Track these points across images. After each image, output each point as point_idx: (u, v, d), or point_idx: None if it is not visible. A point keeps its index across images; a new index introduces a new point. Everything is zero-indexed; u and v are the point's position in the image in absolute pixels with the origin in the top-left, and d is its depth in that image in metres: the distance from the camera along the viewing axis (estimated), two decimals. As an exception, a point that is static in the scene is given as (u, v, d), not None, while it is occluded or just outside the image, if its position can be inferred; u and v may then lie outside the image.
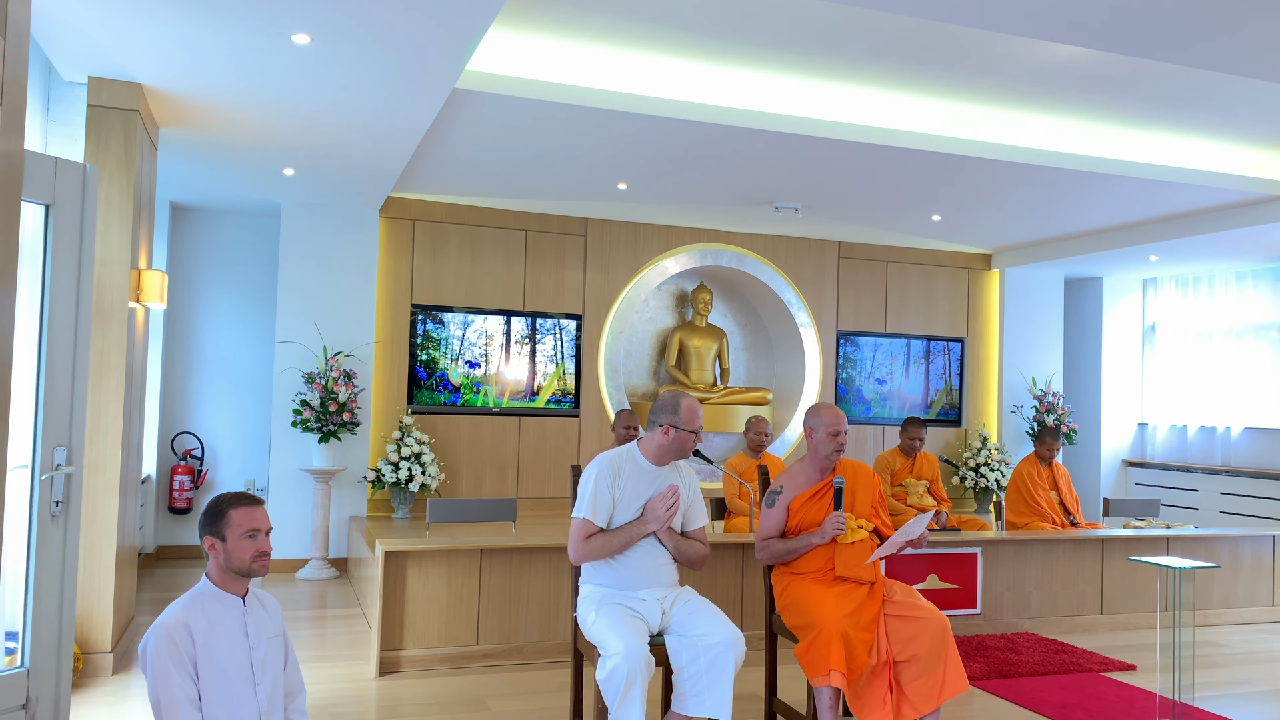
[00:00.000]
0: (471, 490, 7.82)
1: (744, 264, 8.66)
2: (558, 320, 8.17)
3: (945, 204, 7.41)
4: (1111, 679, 4.81)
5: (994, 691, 4.55)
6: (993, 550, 5.71)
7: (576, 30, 4.83)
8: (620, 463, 3.42)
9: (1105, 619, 5.91)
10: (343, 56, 4.31)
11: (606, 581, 3.38)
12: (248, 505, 2.72)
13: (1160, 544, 6.03)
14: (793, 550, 3.69)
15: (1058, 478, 6.69)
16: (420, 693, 4.40)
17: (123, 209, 4.62)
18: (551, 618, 4.96)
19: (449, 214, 7.81)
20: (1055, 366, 9.60)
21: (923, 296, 9.31)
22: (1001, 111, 5.88)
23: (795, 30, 4.75)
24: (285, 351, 7.24)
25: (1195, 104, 5.56)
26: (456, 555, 4.85)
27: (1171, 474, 9.49)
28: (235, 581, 2.72)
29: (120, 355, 4.59)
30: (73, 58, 4.41)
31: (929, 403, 9.33)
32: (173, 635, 2.57)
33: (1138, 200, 7.06)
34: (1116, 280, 9.95)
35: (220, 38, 4.12)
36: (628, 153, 6.14)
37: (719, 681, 3.11)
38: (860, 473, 3.85)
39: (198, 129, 5.47)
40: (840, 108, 5.67)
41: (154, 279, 5.06)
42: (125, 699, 4.21)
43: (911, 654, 3.44)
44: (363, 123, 5.28)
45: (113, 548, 4.57)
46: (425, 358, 7.80)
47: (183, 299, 7.61)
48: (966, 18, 4.00)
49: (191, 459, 7.58)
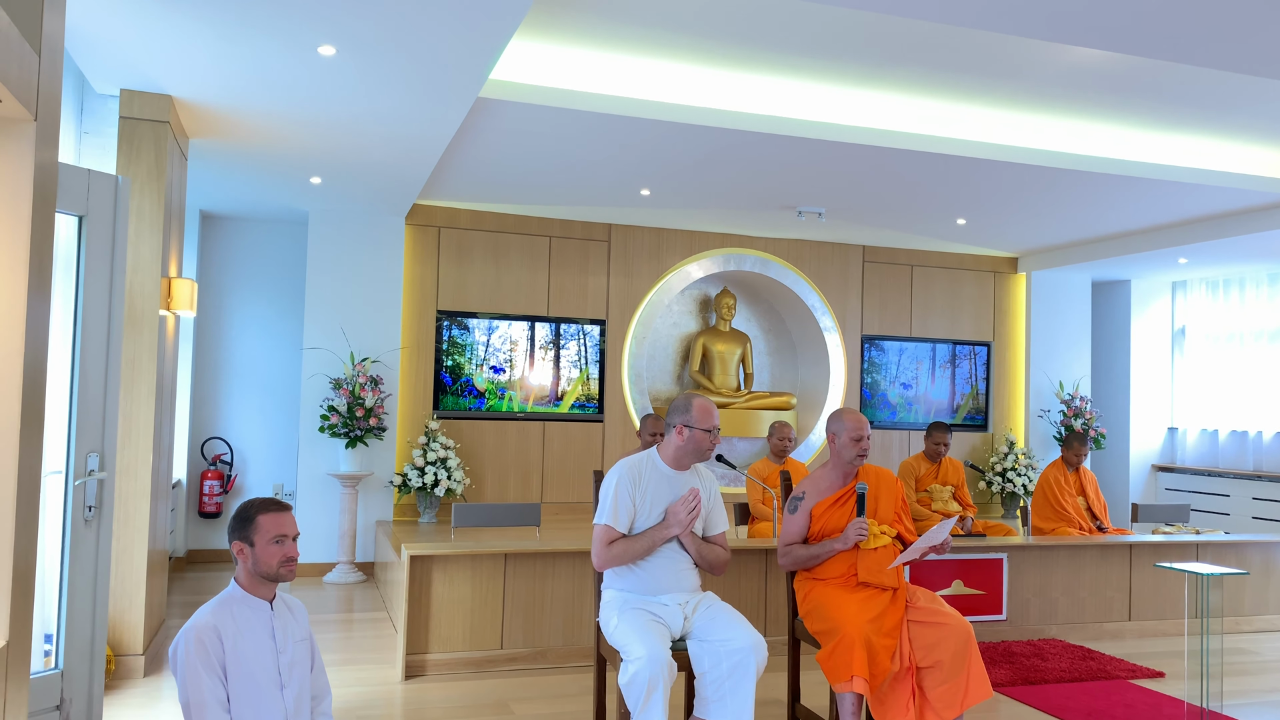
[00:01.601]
0: (496, 495, 7.87)
1: (767, 268, 8.66)
2: (581, 325, 8.21)
3: (970, 207, 7.38)
4: (1139, 686, 4.77)
5: (1020, 698, 4.52)
6: (1019, 556, 5.67)
7: (599, 38, 4.86)
8: (641, 468, 3.44)
9: (1133, 626, 5.85)
10: (368, 67, 4.37)
11: (629, 586, 3.39)
12: (276, 511, 2.76)
13: (1190, 550, 5.97)
14: (815, 556, 3.69)
15: (1085, 483, 6.63)
16: (445, 696, 4.43)
17: (154, 218, 4.70)
18: (575, 622, 4.99)
19: (473, 221, 7.87)
20: (1083, 370, 9.52)
21: (948, 300, 9.26)
22: (1027, 115, 5.86)
23: (818, 36, 4.76)
24: (313, 358, 7.33)
25: (1223, 105, 5.50)
26: (481, 560, 4.88)
27: (1202, 479, 9.37)
28: (263, 586, 2.76)
29: (151, 362, 4.67)
30: (105, 71, 4.49)
31: (955, 407, 9.27)
32: (202, 638, 2.61)
33: (1166, 203, 7.00)
34: (1145, 283, 9.85)
35: (249, 50, 4.19)
36: (651, 159, 6.16)
37: (741, 687, 3.12)
38: (883, 478, 3.85)
39: (226, 139, 5.55)
40: (864, 112, 5.67)
41: (184, 287, 5.14)
42: (156, 700, 4.28)
43: (935, 660, 3.43)
44: (388, 132, 5.34)
45: (144, 551, 4.65)
46: (450, 363, 7.86)
47: (212, 306, 7.72)
48: (991, 23, 3.99)
49: (221, 464, 7.68)
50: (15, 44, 2.12)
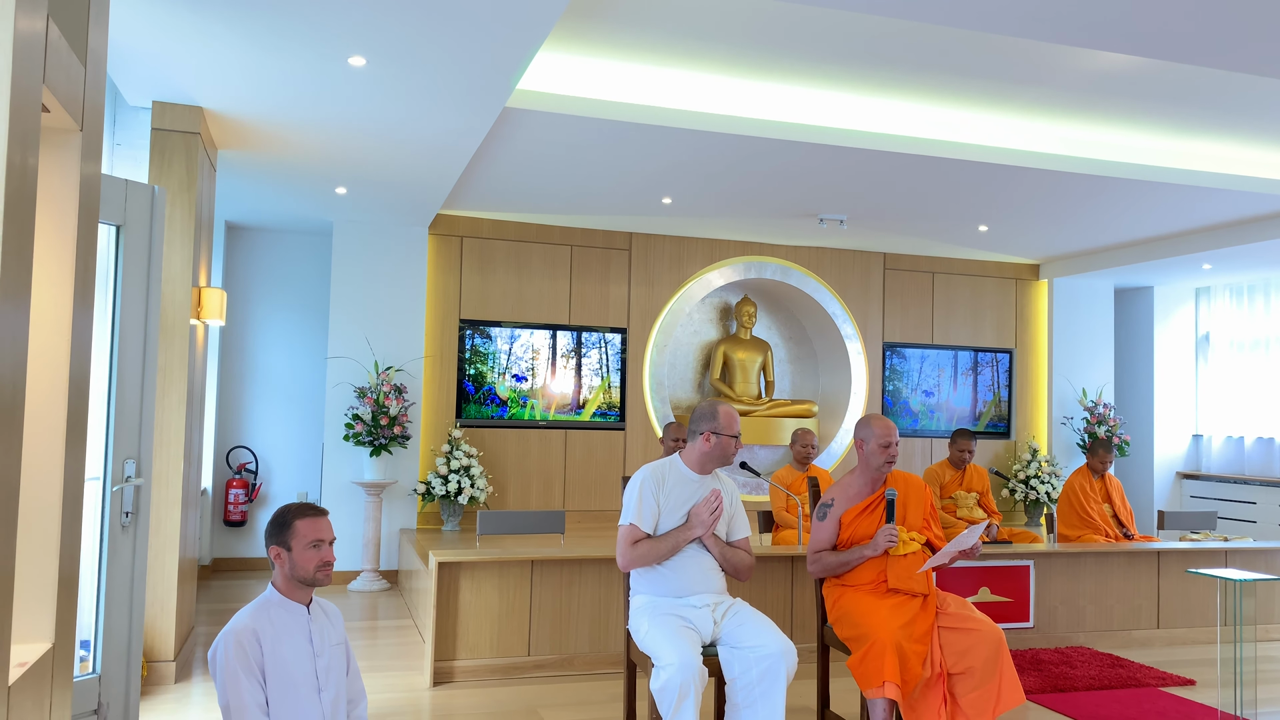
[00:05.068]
0: (519, 503, 7.90)
1: (788, 276, 8.67)
2: (603, 334, 8.23)
3: (992, 214, 7.36)
4: (1170, 694, 4.73)
5: (1050, 706, 4.50)
6: (1045, 563, 5.64)
7: (623, 49, 4.90)
8: (664, 472, 3.52)
9: (1162, 633, 5.81)
10: (397, 78, 4.42)
11: (657, 589, 3.42)
12: (312, 516, 2.79)
13: (1219, 556, 5.92)
14: (845, 563, 3.69)
15: (1110, 490, 6.60)
16: (474, 703, 4.45)
17: (185, 229, 4.76)
18: (602, 629, 5.00)
19: (496, 230, 7.92)
20: (1106, 377, 9.46)
21: (970, 307, 9.24)
22: (1049, 121, 5.85)
23: (839, 43, 4.77)
24: (337, 366, 7.38)
25: (1247, 109, 5.48)
26: (508, 566, 4.90)
27: (1228, 486, 9.30)
28: (300, 590, 2.79)
29: (183, 371, 4.72)
30: (138, 83, 4.56)
31: (977, 414, 9.24)
32: (241, 641, 2.64)
33: (1189, 209, 6.97)
34: (1168, 290, 9.80)
35: (280, 61, 4.25)
36: (673, 168, 6.19)
37: (772, 693, 3.13)
38: (912, 484, 3.84)
39: (254, 150, 5.62)
40: (885, 119, 5.68)
41: (214, 297, 5.20)
42: (187, 706, 4.31)
43: (966, 666, 3.43)
44: (415, 142, 5.39)
45: (175, 559, 4.69)
46: (473, 372, 7.90)
47: (238, 316, 7.79)
48: (1011, 28, 3.99)
49: (246, 473, 7.74)
50: (64, 55, 2.16)
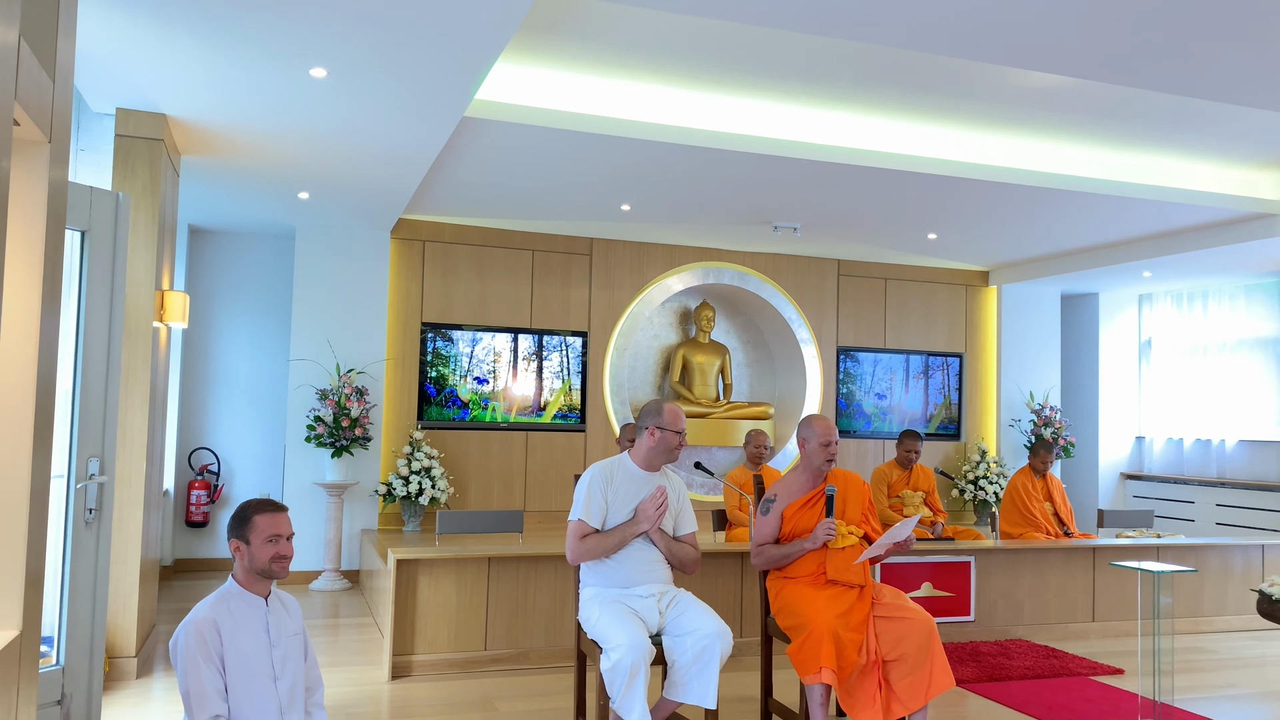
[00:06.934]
0: (479, 504, 8.01)
1: (746, 282, 8.86)
2: (564, 337, 8.38)
3: (941, 223, 7.60)
4: (1099, 682, 4.97)
5: (985, 694, 4.71)
6: (986, 559, 5.87)
7: (580, 61, 5.05)
8: (613, 470, 3.67)
9: (1097, 626, 6.06)
10: (358, 89, 4.54)
11: (606, 581, 3.58)
12: (271, 511, 2.92)
13: (1150, 552, 6.18)
14: (786, 555, 3.87)
15: (1052, 489, 6.85)
16: (431, 695, 4.58)
17: (148, 233, 4.85)
18: (557, 624, 5.14)
19: (458, 235, 8.04)
20: (1053, 381, 9.76)
21: (921, 313, 9.49)
22: (994, 135, 6.08)
23: (793, 58, 4.96)
24: (299, 369, 7.46)
25: (1182, 126, 5.75)
26: (465, 564, 5.03)
27: (1169, 486, 9.63)
28: (259, 582, 2.92)
29: (145, 372, 4.81)
30: (101, 90, 4.64)
31: (928, 417, 9.49)
32: (201, 631, 2.76)
33: (1131, 218, 7.25)
34: (1112, 296, 10.12)
35: (242, 72, 4.36)
36: (631, 176, 6.35)
37: (706, 671, 3.33)
38: (851, 481, 4.03)
39: (217, 155, 5.70)
40: (837, 131, 5.88)
41: (177, 300, 5.28)
42: (149, 700, 4.40)
43: (900, 653, 3.61)
44: (376, 149, 5.51)
45: (138, 557, 4.77)
46: (435, 374, 8.01)
47: (200, 318, 7.84)
48: (954, 49, 4.21)
49: (208, 474, 7.79)
50: (34, 72, 2.28)
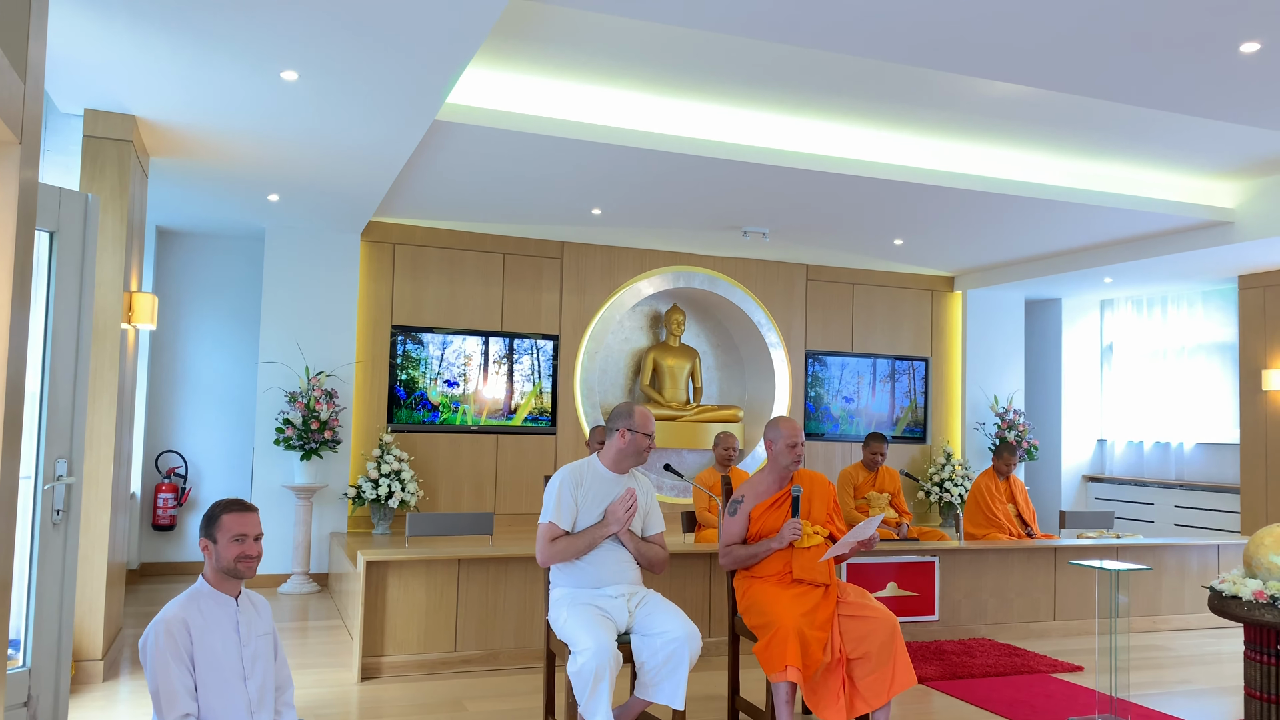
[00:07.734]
0: (450, 506, 8.01)
1: (715, 286, 8.94)
2: (535, 341, 8.41)
3: (907, 229, 7.72)
4: (1059, 679, 5.07)
5: (948, 691, 4.80)
6: (950, 559, 5.97)
7: (551, 66, 5.10)
8: (582, 472, 3.70)
9: (1058, 625, 6.18)
10: (328, 92, 4.56)
11: (575, 581, 3.62)
12: (239, 511, 2.94)
13: (1110, 552, 6.31)
14: (753, 555, 3.93)
15: (1015, 491, 6.97)
16: (400, 696, 4.59)
17: (116, 235, 4.83)
18: (527, 625, 5.17)
19: (429, 238, 8.05)
20: (1017, 385, 9.92)
21: (888, 317, 9.62)
22: (959, 142, 6.20)
23: (761, 66, 5.04)
24: (268, 371, 7.44)
25: (1141, 135, 5.89)
26: (435, 565, 5.05)
27: (1129, 488, 9.82)
28: (228, 582, 2.93)
29: (113, 374, 4.79)
30: (70, 91, 4.62)
31: (895, 420, 9.61)
32: (171, 630, 2.78)
33: (1093, 225, 7.40)
34: (1075, 301, 10.31)
35: (214, 74, 4.36)
36: (601, 180, 6.40)
37: (676, 673, 3.38)
38: (817, 482, 4.11)
39: (187, 157, 5.69)
40: (805, 138, 5.96)
41: (145, 301, 5.26)
42: (115, 703, 4.38)
43: (863, 651, 3.69)
44: (346, 152, 5.52)
45: (105, 560, 4.75)
46: (405, 377, 8.01)
47: (168, 321, 7.79)
48: (913, 58, 4.30)
49: (175, 477, 7.74)
50: (6, 73, 2.29)
